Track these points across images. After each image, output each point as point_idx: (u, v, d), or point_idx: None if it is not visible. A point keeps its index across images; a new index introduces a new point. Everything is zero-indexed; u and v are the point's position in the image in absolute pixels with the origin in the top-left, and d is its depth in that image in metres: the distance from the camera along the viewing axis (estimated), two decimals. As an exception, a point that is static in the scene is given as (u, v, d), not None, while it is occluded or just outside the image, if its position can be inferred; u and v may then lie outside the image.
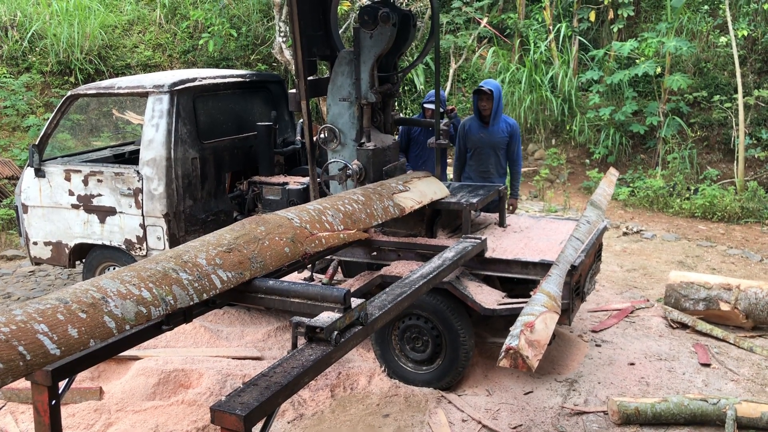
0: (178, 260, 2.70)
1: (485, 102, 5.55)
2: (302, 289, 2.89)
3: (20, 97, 10.13)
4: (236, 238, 3.02)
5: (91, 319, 2.20)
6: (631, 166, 10.40)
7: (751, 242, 7.92)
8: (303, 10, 4.63)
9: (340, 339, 2.63)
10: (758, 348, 5.02)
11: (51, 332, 2.07)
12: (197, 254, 2.78)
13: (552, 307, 3.29)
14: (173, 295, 2.53)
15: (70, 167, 5.40)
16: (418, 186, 4.55)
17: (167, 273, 2.59)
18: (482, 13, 12.35)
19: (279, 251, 3.13)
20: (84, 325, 2.17)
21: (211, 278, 2.72)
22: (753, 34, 10.49)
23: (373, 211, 3.93)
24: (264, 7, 12.22)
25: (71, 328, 2.13)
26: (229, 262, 2.84)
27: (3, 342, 1.94)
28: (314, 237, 3.38)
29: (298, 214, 3.43)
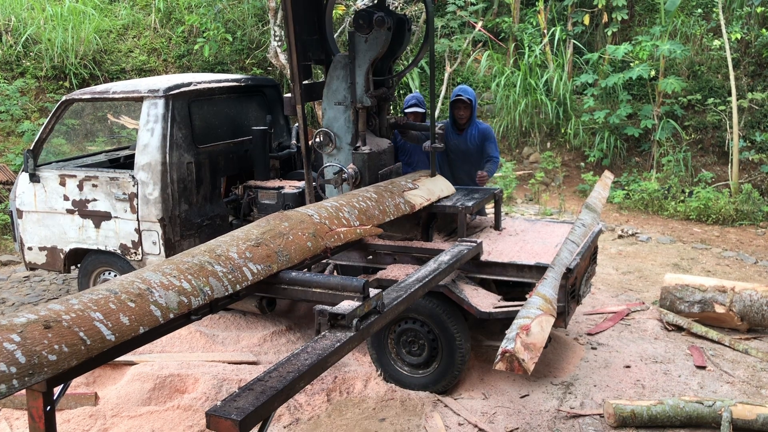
0: (212, 254, 2.92)
1: (462, 111, 5.49)
2: (324, 280, 3.12)
3: (15, 102, 10.11)
4: (263, 233, 3.25)
5: (139, 307, 2.43)
6: (626, 169, 10.43)
7: (745, 244, 7.95)
8: (298, 15, 4.64)
9: (360, 325, 2.82)
10: (753, 350, 5.04)
11: (106, 320, 2.30)
12: (229, 248, 3.01)
13: (548, 310, 3.30)
14: (210, 286, 2.76)
15: (65, 172, 5.39)
16: (427, 184, 4.73)
17: (203, 266, 2.82)
18: (477, 17, 12.38)
19: (302, 245, 3.37)
20: (133, 314, 2.40)
21: (242, 270, 2.95)
22: (746, 37, 10.54)
23: (386, 208, 4.15)
24: (259, 12, 12.23)
25: (123, 316, 2.36)
26: (258, 256, 3.07)
27: (66, 328, 2.16)
28: (333, 232, 3.61)
29: (317, 211, 3.66)
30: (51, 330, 2.15)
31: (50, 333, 2.14)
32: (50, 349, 2.11)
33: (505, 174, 9.92)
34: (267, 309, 4.99)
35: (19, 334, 2.08)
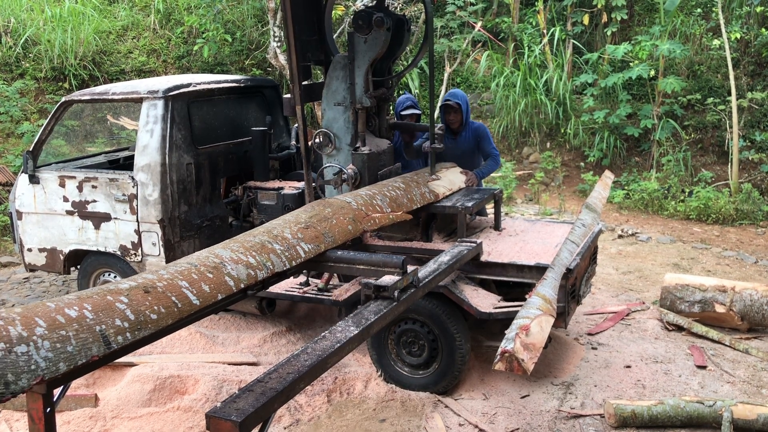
0: (270, 234, 3.31)
1: (453, 116, 5.38)
2: (366, 258, 3.52)
3: (14, 104, 10.11)
4: (310, 217, 3.64)
5: (216, 278, 2.80)
6: (626, 168, 10.43)
7: (745, 244, 7.94)
8: (297, 15, 4.63)
9: (401, 296, 3.17)
10: (754, 350, 5.03)
11: (191, 287, 2.67)
12: (283, 230, 3.40)
13: (547, 310, 3.29)
14: (271, 261, 3.14)
15: (65, 173, 5.39)
16: (447, 175, 5.02)
17: (264, 244, 3.20)
18: (476, 17, 12.38)
19: (344, 228, 3.74)
20: (212, 283, 2.77)
21: (296, 249, 3.33)
22: (746, 37, 10.54)
23: (413, 197, 4.48)
24: (258, 12, 12.23)
25: (204, 285, 2.73)
26: (308, 237, 3.46)
27: (161, 293, 2.56)
28: (369, 218, 3.98)
29: (354, 199, 4.03)
30: (150, 294, 2.53)
31: (150, 296, 2.52)
32: (151, 309, 2.49)
33: (504, 174, 9.92)
34: (267, 310, 4.99)
35: (126, 296, 2.45)
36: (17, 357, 2.01)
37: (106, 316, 2.33)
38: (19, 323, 2.10)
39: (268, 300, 4.89)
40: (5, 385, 1.95)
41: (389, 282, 3.15)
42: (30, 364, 2.04)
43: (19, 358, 2.02)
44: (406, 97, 5.89)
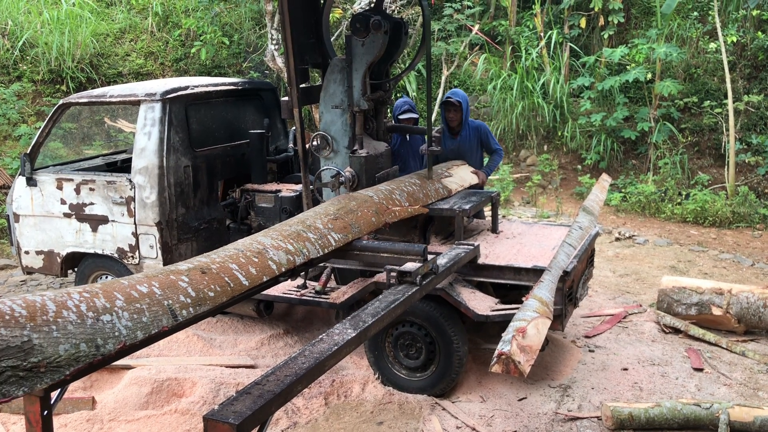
0: (304, 224, 3.61)
1: (453, 113, 5.47)
2: (390, 246, 3.84)
3: (11, 106, 10.10)
4: (338, 209, 3.92)
5: (260, 262, 3.10)
6: (623, 171, 10.45)
7: (742, 247, 7.96)
8: (295, 18, 4.64)
9: (423, 281, 3.44)
10: (750, 352, 5.05)
11: (240, 270, 2.96)
12: (315, 221, 3.69)
13: (544, 313, 3.30)
14: (307, 248, 3.44)
15: (62, 176, 5.38)
16: (458, 172, 5.23)
17: (300, 233, 3.49)
18: (473, 21, 12.40)
19: (368, 220, 4.02)
20: (258, 266, 3.06)
21: (327, 238, 3.62)
22: (742, 40, 10.57)
23: (428, 192, 4.72)
24: (256, 15, 12.24)
25: (251, 268, 3.02)
26: (337, 227, 3.74)
27: (215, 274, 2.83)
28: (390, 210, 4.24)
29: (375, 193, 4.31)
30: (206, 275, 2.80)
31: (206, 277, 2.79)
32: (208, 288, 2.75)
33: (502, 177, 9.94)
34: (264, 313, 4.99)
35: (186, 276, 2.73)
36: (104, 324, 2.30)
37: (172, 293, 2.60)
38: (102, 296, 2.38)
39: (266, 303, 4.89)
40: (96, 347, 2.23)
41: (412, 268, 3.44)
42: (114, 331, 2.31)
43: (105, 325, 2.30)
44: (403, 101, 5.91)
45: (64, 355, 2.13)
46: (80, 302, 2.29)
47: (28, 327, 2.07)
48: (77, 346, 2.18)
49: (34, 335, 2.07)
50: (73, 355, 2.16)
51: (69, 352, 2.15)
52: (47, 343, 2.10)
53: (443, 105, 5.49)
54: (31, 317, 2.11)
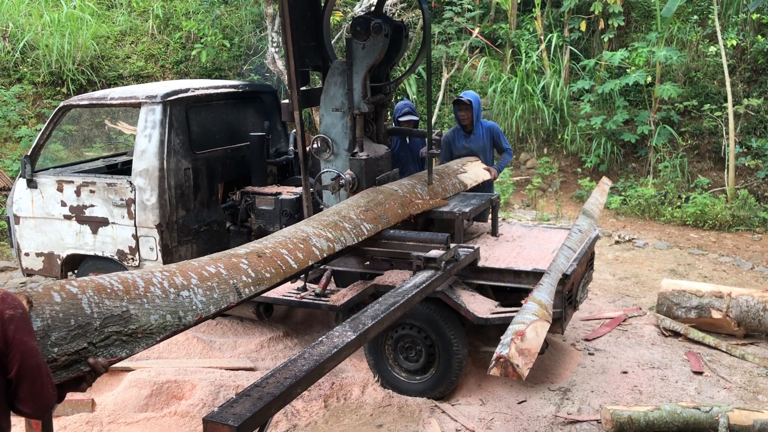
0: (339, 215, 3.91)
1: (464, 112, 5.68)
2: (416, 235, 4.17)
3: (12, 108, 10.11)
4: (368, 202, 4.23)
5: (305, 248, 3.44)
6: (623, 174, 10.45)
7: (742, 250, 7.97)
8: (295, 21, 4.65)
9: (447, 266, 3.83)
10: (750, 356, 5.04)
11: (289, 255, 3.29)
12: (349, 212, 4.01)
13: (543, 316, 3.30)
14: (344, 237, 3.76)
15: (63, 178, 5.39)
16: (472, 168, 5.47)
17: (337, 223, 3.82)
18: (474, 24, 12.42)
19: (395, 212, 4.34)
20: (304, 252, 3.40)
21: (361, 228, 3.93)
22: (742, 44, 10.58)
23: (446, 186, 5.00)
24: (256, 18, 12.26)
25: (298, 253, 3.35)
26: (369, 218, 4.06)
27: (269, 258, 3.16)
28: (413, 203, 4.55)
29: (399, 187, 4.62)
30: (262, 258, 3.12)
31: (262, 260, 3.11)
32: (264, 269, 3.07)
33: (502, 179, 9.94)
34: (264, 315, 4.99)
35: (245, 259, 3.04)
36: (183, 299, 2.60)
37: (235, 273, 2.92)
38: (179, 275, 2.69)
39: (266, 305, 4.89)
40: (179, 318, 2.54)
41: (437, 254, 3.81)
42: (192, 305, 2.62)
43: (184, 300, 2.60)
44: (404, 104, 5.93)
45: (155, 324, 2.44)
46: (162, 280, 2.60)
47: (125, 299, 2.39)
48: (164, 316, 2.48)
49: (131, 306, 2.39)
50: (162, 325, 2.46)
51: (158, 322, 2.45)
52: (141, 313, 2.41)
53: (455, 104, 5.72)
54: (126, 291, 2.42)
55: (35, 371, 1.91)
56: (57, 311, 2.17)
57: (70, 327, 2.18)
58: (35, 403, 1.95)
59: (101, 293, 2.34)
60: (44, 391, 1.94)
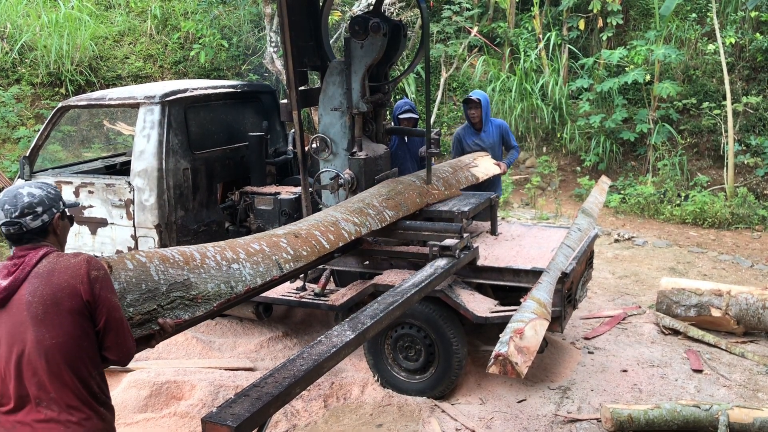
0: (363, 203, 4.17)
1: (473, 110, 5.82)
2: (431, 225, 4.38)
3: (10, 109, 10.10)
4: (389, 191, 4.47)
5: (335, 230, 3.71)
6: (622, 173, 10.45)
7: (741, 248, 7.97)
8: (294, 21, 4.65)
9: (460, 254, 4.05)
10: (750, 353, 5.05)
11: (321, 236, 3.57)
12: (372, 200, 4.25)
13: (542, 314, 3.30)
14: (368, 222, 4.02)
15: (61, 179, 5.38)
16: (483, 163, 5.67)
17: (362, 209, 4.08)
18: (472, 23, 12.41)
19: (414, 200, 4.58)
20: (334, 234, 3.67)
21: (383, 215, 4.20)
22: (740, 42, 10.58)
23: (459, 179, 5.23)
24: (255, 18, 12.25)
25: (330, 235, 3.63)
26: (390, 206, 4.32)
27: (305, 238, 3.44)
28: (430, 193, 4.79)
29: (416, 178, 4.86)
30: (299, 238, 3.40)
31: (299, 240, 3.39)
32: (302, 248, 3.37)
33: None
34: (263, 315, 4.99)
35: (284, 239, 3.34)
36: (234, 271, 2.89)
37: (277, 250, 3.20)
38: (229, 250, 2.98)
39: (265, 305, 4.89)
40: (231, 288, 2.81)
41: (451, 243, 4.04)
42: (242, 276, 2.90)
43: (235, 271, 2.89)
44: (404, 102, 5.95)
45: (211, 291, 2.72)
46: (215, 254, 2.89)
47: (185, 269, 2.67)
48: (219, 285, 2.76)
49: (191, 275, 2.67)
50: (217, 293, 2.74)
51: (214, 290, 2.74)
52: (200, 281, 2.70)
53: (464, 103, 5.92)
54: (186, 262, 2.71)
55: (119, 323, 2.20)
56: (130, 276, 2.45)
57: (141, 291, 2.46)
58: (119, 351, 2.22)
59: (165, 263, 2.62)
60: (126, 341, 2.23)
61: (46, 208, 2.23)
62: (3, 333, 2.12)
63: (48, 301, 2.09)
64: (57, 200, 2.28)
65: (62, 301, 2.09)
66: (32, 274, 2.13)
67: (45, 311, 2.08)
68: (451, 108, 11.84)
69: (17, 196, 2.21)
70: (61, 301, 2.09)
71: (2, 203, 2.21)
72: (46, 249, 2.20)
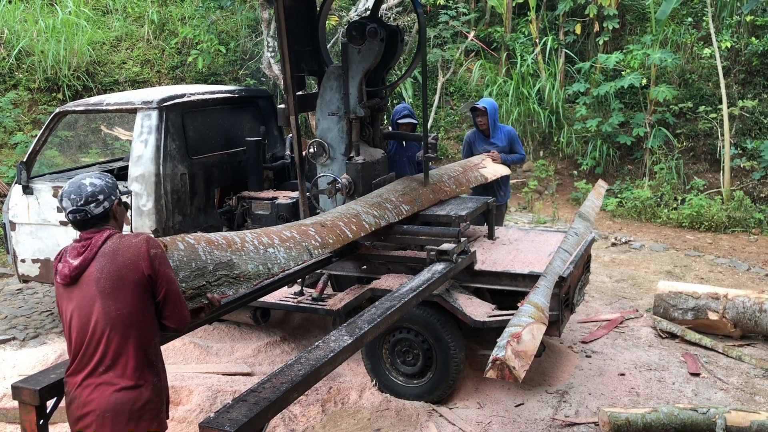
0: (381, 197, 4.44)
1: (481, 117, 5.93)
2: (428, 230, 4.49)
3: (7, 114, 10.10)
4: (404, 187, 4.72)
5: (357, 222, 3.99)
6: (619, 176, 10.47)
7: (738, 251, 7.98)
8: (291, 26, 4.66)
9: (457, 259, 4.12)
10: (747, 357, 5.05)
11: (345, 226, 3.85)
12: (389, 195, 4.51)
13: (539, 318, 3.31)
14: (387, 215, 4.28)
15: (59, 184, 5.38)
16: (491, 164, 5.82)
17: (380, 203, 4.34)
18: (469, 27, 12.45)
19: (427, 197, 4.81)
20: (356, 225, 3.95)
21: (400, 209, 4.44)
22: (736, 46, 10.62)
23: (469, 178, 5.43)
24: (252, 23, 12.27)
25: (353, 226, 3.91)
26: (406, 201, 4.56)
27: (329, 227, 3.74)
28: (443, 191, 5.02)
29: (430, 177, 5.02)
30: (325, 227, 3.70)
31: (325, 229, 3.69)
32: (328, 236, 3.65)
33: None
34: (261, 320, 4.98)
35: (312, 227, 3.64)
36: (270, 254, 3.20)
37: (306, 238, 3.51)
38: (265, 236, 3.31)
39: (263, 310, 4.89)
40: (268, 269, 3.14)
41: (449, 247, 4.11)
42: (277, 259, 3.22)
43: (271, 255, 3.21)
44: (403, 107, 5.97)
45: (251, 271, 3.03)
46: (253, 239, 3.21)
47: (228, 251, 2.98)
48: (258, 266, 3.07)
49: (233, 257, 2.98)
50: (256, 273, 3.05)
51: (254, 270, 3.04)
52: (241, 262, 3.00)
53: (472, 111, 6.08)
54: (228, 245, 3.01)
55: (176, 295, 2.49)
56: (182, 256, 2.73)
57: (192, 268, 2.74)
58: (177, 320, 2.50)
59: (211, 245, 2.91)
60: (182, 310, 2.52)
61: (107, 196, 2.49)
62: (75, 306, 2.40)
63: (114, 276, 2.36)
64: (115, 189, 2.55)
65: (126, 276, 2.37)
66: (99, 254, 2.40)
67: (112, 286, 2.36)
68: (448, 112, 11.87)
69: (81, 186, 2.47)
70: (126, 277, 2.37)
71: (68, 193, 2.46)
72: (108, 231, 2.47)
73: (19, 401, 2.60)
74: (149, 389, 2.42)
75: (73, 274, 2.40)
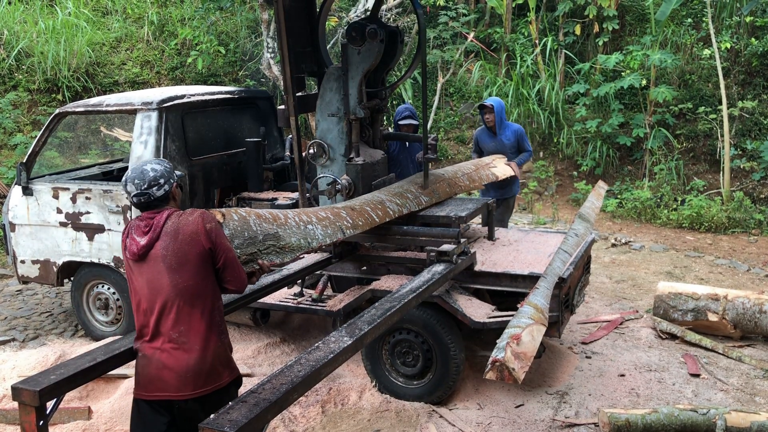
0: (402, 188, 4.65)
1: (488, 114, 6.12)
2: (428, 230, 4.52)
3: (7, 116, 10.10)
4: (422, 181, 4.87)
5: (383, 208, 4.23)
6: (619, 177, 10.48)
7: (738, 252, 7.98)
8: (291, 27, 4.65)
9: (457, 260, 4.16)
10: (747, 357, 5.05)
11: (372, 211, 4.10)
12: (409, 187, 4.70)
13: (539, 319, 3.30)
14: (408, 204, 4.48)
15: (58, 185, 5.38)
16: (501, 164, 6.05)
17: (402, 193, 4.54)
18: (469, 28, 12.45)
19: (444, 190, 5.02)
20: (382, 210, 4.19)
21: (420, 199, 4.65)
22: (736, 47, 10.63)
23: (481, 176, 5.67)
24: (252, 24, 12.28)
25: (379, 211, 4.16)
26: (425, 192, 4.75)
27: (359, 212, 4.01)
28: (457, 185, 5.22)
29: (445, 172, 5.30)
30: (355, 211, 3.99)
31: (355, 212, 3.97)
32: (357, 218, 3.94)
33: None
34: (261, 321, 4.98)
35: (344, 211, 3.93)
36: (309, 230, 3.54)
37: (339, 219, 3.82)
38: (304, 215, 3.62)
39: (262, 311, 4.88)
40: (308, 243, 3.47)
41: (449, 248, 4.16)
42: (316, 235, 3.55)
43: (310, 231, 3.54)
44: (405, 107, 5.99)
45: (295, 243, 3.38)
46: (294, 215, 3.55)
47: (274, 225, 3.33)
48: (299, 240, 3.42)
49: (279, 230, 3.33)
50: (299, 245, 3.39)
51: (297, 243, 3.40)
52: (286, 235, 3.36)
53: (480, 108, 6.28)
54: (274, 219, 3.37)
55: (233, 261, 2.79)
56: (236, 226, 3.10)
57: (244, 237, 3.10)
58: (236, 282, 2.81)
59: (260, 218, 3.26)
60: (240, 274, 2.82)
61: (167, 180, 2.78)
62: (146, 280, 2.70)
63: (179, 253, 2.66)
64: (172, 173, 2.83)
65: (189, 252, 2.67)
66: (163, 233, 2.69)
67: (177, 262, 2.66)
68: (448, 113, 11.87)
69: (143, 172, 2.75)
70: (189, 252, 2.67)
71: (132, 179, 2.74)
72: (168, 211, 2.76)
73: (18, 402, 2.60)
74: (217, 346, 2.75)
75: (141, 252, 2.69)
